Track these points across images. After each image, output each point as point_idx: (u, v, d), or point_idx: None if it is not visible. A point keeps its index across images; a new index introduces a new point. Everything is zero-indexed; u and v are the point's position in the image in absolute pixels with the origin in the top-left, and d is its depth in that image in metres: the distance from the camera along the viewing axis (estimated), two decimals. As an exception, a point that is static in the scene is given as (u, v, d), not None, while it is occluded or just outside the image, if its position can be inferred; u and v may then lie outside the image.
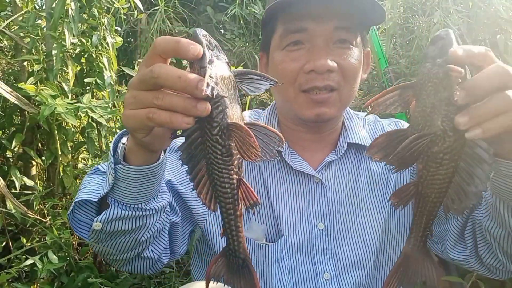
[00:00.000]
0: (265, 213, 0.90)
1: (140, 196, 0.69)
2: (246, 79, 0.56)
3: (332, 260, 0.90)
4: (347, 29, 0.82)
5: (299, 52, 0.83)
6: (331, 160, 0.92)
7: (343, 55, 0.82)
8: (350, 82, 0.84)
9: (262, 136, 0.55)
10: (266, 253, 0.87)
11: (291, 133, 0.93)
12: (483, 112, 0.49)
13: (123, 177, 0.66)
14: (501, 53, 1.41)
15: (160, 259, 0.83)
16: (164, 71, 0.50)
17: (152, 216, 0.73)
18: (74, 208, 0.74)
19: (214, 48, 0.55)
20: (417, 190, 0.59)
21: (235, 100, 0.54)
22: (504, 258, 0.77)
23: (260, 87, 0.56)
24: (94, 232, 0.72)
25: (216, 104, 0.52)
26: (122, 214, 0.69)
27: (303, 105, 0.84)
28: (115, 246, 0.75)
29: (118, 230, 0.71)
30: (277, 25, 0.86)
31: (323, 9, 0.80)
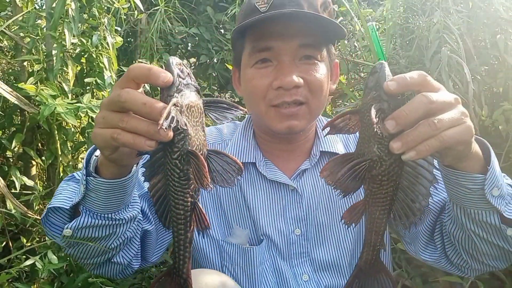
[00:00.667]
0: (244, 221, 0.95)
1: (110, 206, 0.73)
2: (214, 107, 0.59)
3: (309, 263, 0.95)
4: (311, 46, 0.88)
5: (267, 70, 0.88)
6: (305, 168, 0.97)
7: (309, 70, 0.87)
8: (317, 95, 0.89)
9: (222, 163, 0.58)
10: (251, 256, 0.92)
11: (266, 144, 0.98)
12: (413, 138, 0.55)
13: (94, 188, 0.70)
14: (501, 53, 1.41)
15: (131, 264, 0.86)
16: (131, 96, 0.54)
17: (122, 225, 0.77)
18: (48, 213, 0.78)
19: (185, 76, 0.58)
20: (365, 208, 0.64)
21: (200, 127, 0.58)
22: (468, 257, 0.83)
23: (228, 115, 0.60)
24: (65, 237, 0.75)
25: (178, 131, 0.55)
26: (92, 223, 0.73)
27: (274, 119, 0.89)
28: (85, 251, 0.79)
29: (88, 237, 0.75)
30: (245, 43, 0.92)
31: (286, 29, 0.86)
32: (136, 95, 0.54)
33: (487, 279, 1.37)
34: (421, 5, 1.59)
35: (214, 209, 0.96)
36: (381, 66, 0.60)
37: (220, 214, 0.96)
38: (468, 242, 0.81)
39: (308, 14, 0.84)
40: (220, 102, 0.60)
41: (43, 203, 1.47)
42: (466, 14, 1.49)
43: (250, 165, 0.96)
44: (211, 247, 0.95)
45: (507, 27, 1.45)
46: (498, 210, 0.72)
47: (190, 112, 0.56)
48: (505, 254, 0.80)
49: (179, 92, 0.56)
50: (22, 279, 1.33)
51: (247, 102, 0.96)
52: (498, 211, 0.72)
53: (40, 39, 1.46)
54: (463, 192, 0.72)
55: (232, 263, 0.93)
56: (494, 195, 0.71)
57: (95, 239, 0.76)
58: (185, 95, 0.56)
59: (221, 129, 1.05)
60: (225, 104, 0.59)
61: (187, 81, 0.57)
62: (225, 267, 0.94)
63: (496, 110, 1.38)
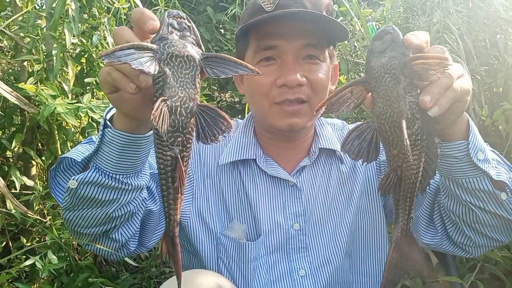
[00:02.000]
0: (245, 215, 0.97)
1: (120, 165, 0.73)
2: (215, 62, 0.58)
3: (307, 258, 0.96)
4: (315, 46, 0.90)
5: (271, 68, 0.90)
6: (305, 164, 0.99)
7: (311, 70, 0.90)
8: (319, 94, 0.91)
9: (210, 118, 0.58)
10: (246, 251, 0.93)
11: (266, 142, 1.00)
12: (438, 90, 0.59)
13: (109, 140, 0.70)
14: (501, 53, 1.41)
15: (127, 244, 0.86)
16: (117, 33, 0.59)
17: (127, 192, 0.76)
18: (58, 169, 0.79)
19: (183, 29, 0.58)
20: (397, 175, 0.62)
21: (190, 80, 0.57)
22: (471, 232, 0.85)
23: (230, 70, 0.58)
24: (69, 192, 0.75)
25: (158, 79, 0.56)
26: (99, 180, 0.73)
27: (276, 116, 0.91)
28: (85, 217, 0.78)
29: (91, 196, 0.74)
30: (250, 41, 0.94)
31: (291, 28, 0.88)
32: (122, 33, 0.58)
33: (487, 279, 1.37)
34: (421, 5, 1.59)
35: (217, 202, 0.98)
36: (393, 28, 0.61)
37: (222, 207, 0.98)
38: (468, 214, 0.82)
39: (315, 14, 0.86)
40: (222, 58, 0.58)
41: (43, 203, 1.47)
42: (466, 14, 1.49)
43: (251, 162, 0.98)
44: (209, 239, 0.96)
45: (507, 27, 1.45)
46: (486, 174, 0.75)
47: (175, 61, 0.56)
48: (506, 224, 0.81)
49: (163, 40, 0.56)
50: (22, 279, 1.34)
51: (249, 99, 0.98)
52: (487, 174, 0.75)
53: (40, 39, 1.46)
54: (451, 162, 0.75)
55: (227, 257, 0.94)
56: (479, 158, 0.74)
57: (97, 201, 0.75)
58: (171, 43, 0.56)
59: None
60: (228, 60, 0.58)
61: (184, 33, 0.57)
62: (220, 259, 0.95)
63: (496, 110, 1.38)
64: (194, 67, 0.57)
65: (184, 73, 0.56)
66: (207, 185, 0.98)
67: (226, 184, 0.98)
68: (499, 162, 0.82)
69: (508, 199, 0.78)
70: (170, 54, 0.56)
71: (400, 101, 0.59)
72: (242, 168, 0.98)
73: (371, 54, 0.62)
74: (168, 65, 0.56)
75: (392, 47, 0.60)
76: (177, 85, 0.56)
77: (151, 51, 0.56)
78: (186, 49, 0.57)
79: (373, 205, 1.01)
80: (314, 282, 0.95)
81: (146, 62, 0.54)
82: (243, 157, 0.97)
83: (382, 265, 1.01)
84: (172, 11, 0.59)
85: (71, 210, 0.78)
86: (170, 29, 0.57)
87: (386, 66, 0.59)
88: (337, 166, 1.01)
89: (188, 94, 0.56)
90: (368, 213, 1.01)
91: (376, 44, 0.61)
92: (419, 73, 0.58)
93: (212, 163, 0.99)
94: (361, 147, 0.62)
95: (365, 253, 1.01)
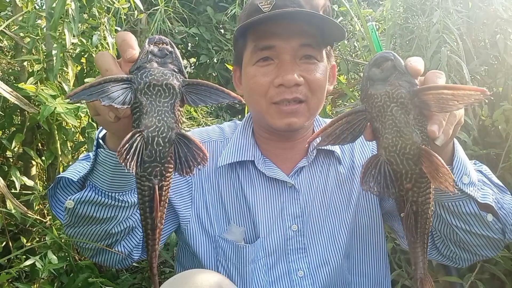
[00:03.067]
0: (244, 217, 0.97)
1: (115, 184, 0.74)
2: (195, 90, 0.57)
3: (306, 259, 0.96)
4: (312, 46, 0.90)
5: (269, 68, 0.90)
6: (303, 165, 0.99)
7: (309, 70, 0.90)
8: (317, 94, 0.92)
9: (188, 148, 0.56)
10: (244, 254, 0.93)
11: (265, 142, 1.00)
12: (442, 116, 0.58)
13: (102, 161, 0.72)
14: (501, 53, 1.41)
15: (131, 255, 0.88)
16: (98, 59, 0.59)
17: (124, 209, 0.78)
18: (57, 188, 0.81)
19: (164, 55, 0.57)
20: (413, 211, 0.58)
21: (169, 109, 0.55)
22: (456, 249, 0.87)
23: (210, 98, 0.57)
24: (67, 211, 0.77)
25: (135, 110, 0.55)
26: (95, 198, 0.74)
27: (274, 116, 0.91)
28: (85, 234, 0.80)
29: (89, 215, 0.76)
30: (247, 42, 0.94)
31: (288, 28, 0.88)
32: (102, 61, 0.58)
33: (487, 279, 1.37)
34: (420, 5, 1.59)
35: (215, 204, 0.98)
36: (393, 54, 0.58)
37: (220, 210, 0.98)
38: (453, 236, 0.84)
39: (311, 13, 0.87)
40: (203, 85, 0.57)
41: (43, 203, 1.47)
42: (465, 14, 1.49)
43: (249, 163, 0.98)
44: (208, 242, 0.97)
45: (506, 27, 1.45)
46: (472, 197, 0.76)
47: (152, 90, 0.55)
48: (491, 242, 0.83)
49: (141, 69, 0.55)
50: (22, 279, 1.34)
51: (247, 100, 0.98)
52: (472, 197, 0.76)
53: (40, 39, 1.46)
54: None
55: (226, 259, 0.95)
56: (464, 182, 0.74)
57: (96, 219, 0.77)
58: (148, 72, 0.55)
59: (223, 128, 1.08)
60: (210, 87, 0.57)
61: (165, 60, 0.56)
62: (219, 262, 0.96)
63: (496, 110, 1.38)
64: (174, 95, 0.56)
65: (163, 101, 0.55)
66: (205, 188, 0.98)
67: (224, 186, 0.98)
68: (485, 183, 0.82)
69: (494, 220, 0.80)
70: (147, 83, 0.55)
71: (412, 132, 0.55)
72: (240, 170, 0.98)
73: (369, 81, 0.58)
74: (146, 94, 0.55)
75: (396, 75, 0.57)
76: (154, 114, 0.55)
77: (127, 81, 0.55)
78: (164, 77, 0.55)
79: (371, 206, 1.01)
80: (313, 283, 0.95)
81: (118, 97, 0.54)
82: (241, 159, 0.97)
83: (380, 266, 1.01)
84: (154, 37, 0.58)
85: (71, 227, 0.80)
86: (149, 57, 0.56)
87: (392, 95, 0.56)
88: (335, 167, 1.01)
89: (166, 123, 0.55)
90: (366, 214, 1.01)
91: (375, 71, 0.58)
92: (431, 103, 0.55)
93: (210, 165, 0.99)
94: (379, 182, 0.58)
95: (363, 254, 1.01)
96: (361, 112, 0.58)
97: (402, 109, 0.56)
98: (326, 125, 0.59)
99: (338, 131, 0.58)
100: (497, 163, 1.40)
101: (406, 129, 0.56)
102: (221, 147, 1.01)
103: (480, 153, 1.40)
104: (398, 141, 0.56)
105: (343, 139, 0.58)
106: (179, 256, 1.08)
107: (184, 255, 1.05)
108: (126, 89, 0.54)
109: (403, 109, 0.56)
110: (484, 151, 1.42)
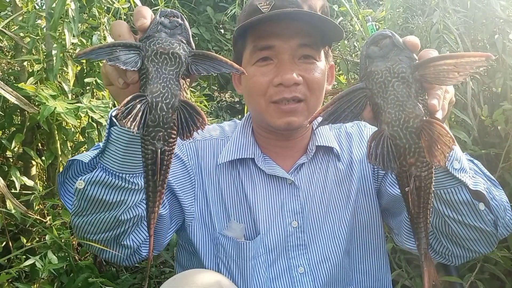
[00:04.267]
0: (244, 214, 0.98)
1: (125, 164, 0.75)
2: (201, 60, 0.60)
3: (306, 255, 0.97)
4: (310, 46, 0.91)
5: (268, 67, 0.91)
6: (302, 162, 1.00)
7: (307, 69, 0.91)
8: (316, 94, 0.93)
9: (189, 114, 0.59)
10: (244, 250, 0.94)
11: (265, 141, 1.01)
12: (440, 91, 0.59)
13: (115, 139, 0.72)
14: (499, 53, 1.41)
15: (139, 250, 0.88)
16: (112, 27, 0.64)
17: (134, 192, 0.78)
18: (67, 174, 0.82)
19: (174, 27, 0.60)
20: (415, 186, 0.59)
21: (174, 76, 0.58)
22: (448, 244, 0.87)
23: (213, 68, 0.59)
24: (77, 193, 0.76)
25: (142, 76, 0.58)
26: (106, 179, 0.74)
27: (273, 115, 0.92)
28: (94, 222, 0.79)
29: (99, 198, 0.76)
30: (247, 42, 0.95)
31: (287, 28, 0.89)
32: (116, 28, 0.62)
33: (487, 279, 1.37)
34: (420, 6, 1.60)
35: (216, 201, 0.99)
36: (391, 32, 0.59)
37: (220, 207, 0.98)
38: (445, 228, 0.84)
39: (310, 14, 0.88)
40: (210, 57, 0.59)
41: (43, 203, 1.47)
42: (464, 14, 1.50)
43: (249, 161, 0.99)
44: (208, 238, 0.97)
45: (504, 27, 1.45)
46: (463, 183, 0.76)
47: (159, 58, 0.58)
48: (484, 236, 0.83)
49: (150, 38, 0.59)
50: (22, 279, 1.34)
51: (247, 99, 0.99)
52: (464, 183, 0.76)
53: (40, 39, 1.46)
54: None
55: (226, 256, 0.95)
56: (455, 167, 0.75)
57: (105, 203, 0.76)
58: (156, 41, 0.58)
59: (223, 127, 1.09)
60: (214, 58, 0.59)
61: (174, 31, 0.59)
62: (219, 259, 0.96)
63: (495, 110, 1.38)
64: (179, 63, 0.59)
65: (168, 69, 0.58)
66: (206, 185, 0.99)
67: (224, 183, 0.99)
68: (477, 172, 0.83)
69: (486, 209, 0.80)
70: (154, 51, 0.58)
71: (415, 106, 0.56)
72: (241, 167, 0.99)
73: (369, 59, 0.59)
74: (152, 61, 0.58)
75: (395, 51, 0.58)
76: (159, 81, 0.58)
77: (136, 48, 0.58)
78: (171, 46, 0.59)
79: (370, 202, 1.02)
80: (313, 279, 0.96)
81: (125, 60, 0.57)
82: (241, 156, 0.98)
83: (380, 263, 1.02)
84: (166, 10, 0.61)
85: (80, 215, 0.79)
86: (159, 27, 0.60)
87: (392, 70, 0.57)
88: (334, 164, 1.02)
89: (170, 89, 0.58)
90: (365, 210, 1.02)
91: (374, 49, 0.59)
92: (432, 76, 0.55)
93: (211, 163, 1.00)
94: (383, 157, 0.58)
95: (363, 251, 1.02)
96: (361, 89, 0.59)
97: (403, 84, 0.56)
98: (327, 104, 0.59)
99: (339, 110, 0.59)
100: (496, 163, 1.40)
101: (409, 102, 0.56)
102: (221, 145, 1.02)
103: (480, 153, 1.40)
104: (401, 115, 0.56)
105: (344, 117, 0.59)
106: (179, 257, 1.08)
107: (184, 255, 1.06)
108: (134, 54, 0.58)
109: (404, 83, 0.56)
110: (484, 151, 1.43)
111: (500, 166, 1.37)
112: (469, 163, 0.82)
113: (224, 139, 1.04)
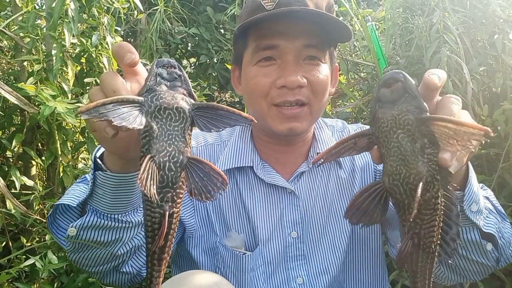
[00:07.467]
0: (243, 224, 0.94)
1: (116, 205, 0.71)
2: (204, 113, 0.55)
3: (305, 266, 0.94)
4: (316, 47, 0.86)
5: (271, 68, 0.87)
6: (303, 170, 0.96)
7: (312, 71, 0.86)
8: (320, 97, 0.88)
9: (203, 173, 0.54)
10: (243, 262, 0.91)
11: (264, 146, 0.97)
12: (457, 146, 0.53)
13: (101, 183, 0.68)
14: (499, 53, 1.42)
15: (140, 273, 0.84)
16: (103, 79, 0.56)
17: (128, 229, 0.74)
18: (56, 213, 0.77)
19: (173, 79, 0.55)
20: (413, 243, 0.56)
21: (180, 133, 0.54)
22: (446, 270, 0.83)
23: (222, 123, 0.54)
24: (69, 238, 0.73)
25: (144, 134, 0.53)
26: (98, 223, 0.71)
27: (275, 119, 0.88)
28: (90, 258, 0.76)
29: (92, 240, 0.73)
30: (249, 41, 0.90)
31: (292, 28, 0.84)
32: (108, 81, 0.55)
33: (487, 279, 1.37)
34: (420, 5, 1.60)
35: (214, 211, 0.96)
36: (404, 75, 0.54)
37: (219, 217, 0.95)
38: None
39: (318, 13, 0.83)
40: (214, 107, 0.55)
41: (43, 203, 1.47)
42: (464, 14, 1.50)
43: (248, 169, 0.95)
44: (207, 248, 0.95)
45: (504, 27, 1.45)
46: (476, 225, 0.73)
47: (163, 114, 0.53)
48: (484, 269, 0.81)
49: (151, 92, 0.54)
50: (22, 279, 1.34)
51: (247, 100, 0.95)
52: (477, 226, 0.73)
53: (40, 39, 1.46)
54: None
55: (224, 266, 0.92)
56: (472, 210, 0.71)
57: (100, 243, 0.74)
58: (159, 95, 0.53)
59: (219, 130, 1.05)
60: (220, 110, 0.54)
61: (174, 83, 0.55)
62: (218, 268, 0.93)
63: (495, 110, 1.38)
64: (184, 118, 0.54)
65: (173, 125, 0.53)
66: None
67: (222, 193, 0.95)
68: (491, 211, 0.79)
69: (493, 249, 0.77)
70: (158, 106, 0.53)
71: (418, 161, 0.52)
72: (239, 176, 0.95)
73: (378, 103, 0.55)
74: (156, 118, 0.53)
75: (406, 99, 0.53)
76: (165, 138, 0.53)
77: (138, 104, 0.53)
78: (175, 101, 0.54)
79: None
80: None
81: (130, 117, 0.51)
82: (240, 165, 0.93)
83: (378, 276, 0.99)
84: (163, 60, 0.56)
85: (75, 252, 0.76)
86: (158, 80, 0.55)
87: (398, 120, 0.53)
88: (335, 172, 0.98)
89: (177, 147, 0.53)
90: None
91: (384, 92, 0.54)
92: (435, 135, 0.51)
93: None
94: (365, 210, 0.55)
95: (361, 262, 0.98)
96: (368, 135, 0.56)
97: (408, 137, 0.53)
98: (331, 146, 0.58)
99: (342, 151, 0.57)
100: (496, 163, 1.41)
101: (411, 158, 0.52)
102: (218, 150, 0.98)
103: (480, 153, 1.41)
104: (402, 170, 0.53)
105: (346, 155, 0.58)
106: (176, 260, 1.05)
107: (182, 259, 1.03)
108: (137, 111, 0.52)
109: (409, 137, 0.53)
110: (484, 151, 1.43)
111: (500, 166, 1.37)
112: (484, 200, 0.78)
113: (221, 144, 0.99)
